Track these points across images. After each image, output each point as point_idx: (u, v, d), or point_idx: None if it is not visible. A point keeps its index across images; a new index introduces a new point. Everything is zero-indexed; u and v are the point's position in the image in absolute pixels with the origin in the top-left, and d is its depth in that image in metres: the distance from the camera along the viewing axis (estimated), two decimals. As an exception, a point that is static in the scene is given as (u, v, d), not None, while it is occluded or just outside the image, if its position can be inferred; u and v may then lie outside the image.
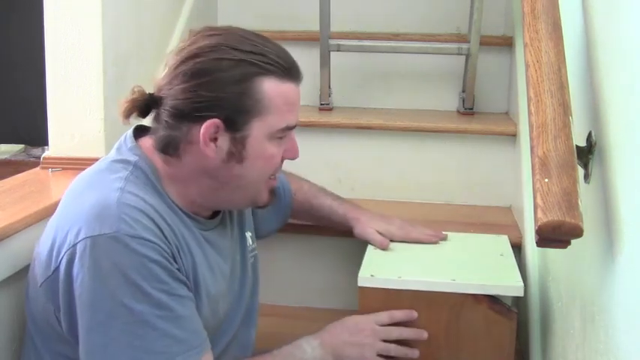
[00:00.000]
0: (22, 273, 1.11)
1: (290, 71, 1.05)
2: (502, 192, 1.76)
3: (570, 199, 0.79)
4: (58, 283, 0.98)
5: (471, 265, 1.30)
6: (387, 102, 2.00)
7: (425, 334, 1.19)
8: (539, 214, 0.78)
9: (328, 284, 1.61)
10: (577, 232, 0.77)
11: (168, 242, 0.99)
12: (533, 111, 0.90)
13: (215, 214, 1.16)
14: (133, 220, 0.96)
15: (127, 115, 1.03)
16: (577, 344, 0.96)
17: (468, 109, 1.90)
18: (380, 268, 1.27)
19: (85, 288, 0.95)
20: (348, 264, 1.62)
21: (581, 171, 0.90)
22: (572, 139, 0.86)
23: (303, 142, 1.82)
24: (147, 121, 1.09)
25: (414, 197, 1.79)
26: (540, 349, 1.28)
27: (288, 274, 1.66)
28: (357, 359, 1.15)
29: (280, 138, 1.07)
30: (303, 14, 1.99)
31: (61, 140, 1.53)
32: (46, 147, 1.59)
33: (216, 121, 1.00)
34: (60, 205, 1.05)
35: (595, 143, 0.90)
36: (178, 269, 1.01)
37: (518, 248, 1.56)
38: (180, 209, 1.07)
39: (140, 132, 1.10)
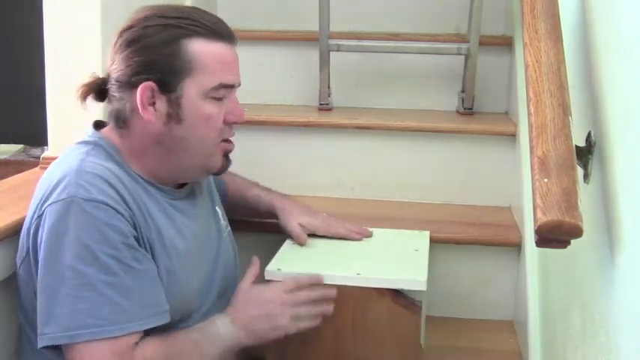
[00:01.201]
0: (22, 273, 1.11)
1: (217, 32, 1.09)
2: (502, 192, 1.76)
3: (570, 199, 0.79)
4: (30, 263, 1.02)
5: (380, 260, 1.32)
6: (387, 102, 2.00)
7: (334, 292, 1.20)
8: (539, 214, 0.78)
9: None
10: (576, 232, 0.77)
11: (128, 207, 1.02)
12: (532, 111, 0.90)
13: (183, 185, 1.19)
14: (89, 184, 1.00)
15: (83, 97, 1.12)
16: (577, 344, 0.96)
17: (467, 109, 1.90)
18: (289, 262, 1.28)
19: (42, 253, 0.99)
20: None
21: (580, 171, 0.90)
22: (571, 139, 0.86)
23: (302, 142, 1.84)
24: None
25: (413, 197, 1.79)
26: (540, 349, 1.28)
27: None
28: (271, 330, 1.14)
29: (218, 99, 1.10)
30: (303, 14, 1.99)
31: (60, 140, 1.53)
32: (45, 147, 1.59)
33: (149, 83, 1.05)
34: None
35: (594, 143, 0.90)
36: (136, 238, 1.02)
37: (518, 248, 1.57)
38: (146, 180, 1.10)
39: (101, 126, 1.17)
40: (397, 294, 1.22)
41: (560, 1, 1.05)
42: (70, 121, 1.52)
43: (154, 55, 1.06)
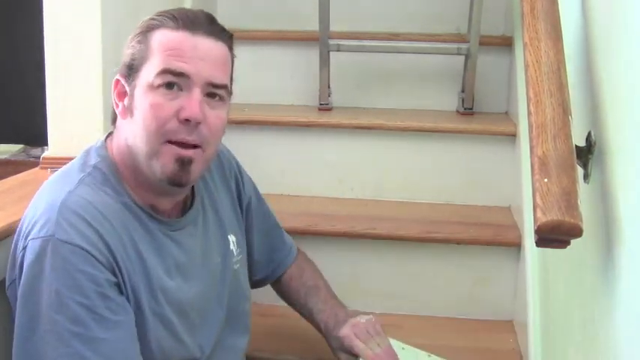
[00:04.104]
0: (22, 273, 1.11)
1: (179, 20, 1.01)
2: (502, 192, 1.76)
3: (570, 199, 0.79)
4: (16, 290, 0.97)
5: None
6: (387, 102, 2.00)
7: None
8: (539, 213, 0.78)
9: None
10: (576, 232, 0.77)
11: (109, 250, 0.96)
12: (532, 111, 0.90)
13: (185, 207, 1.13)
14: (69, 224, 0.93)
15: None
16: (577, 344, 0.96)
17: (467, 109, 1.90)
18: None
19: (20, 289, 0.94)
20: (346, 264, 1.63)
21: (580, 171, 0.90)
22: (571, 138, 0.86)
23: (302, 142, 1.84)
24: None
25: (413, 197, 1.79)
26: (540, 349, 1.28)
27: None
28: None
29: (168, 88, 0.99)
30: (303, 14, 1.99)
31: (60, 140, 1.53)
32: (45, 147, 1.59)
33: (118, 77, 1.04)
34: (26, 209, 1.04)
35: (594, 143, 0.90)
36: (116, 284, 0.96)
37: (517, 248, 1.57)
38: (140, 208, 1.04)
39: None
40: None
41: (560, 1, 1.05)
42: (71, 121, 1.53)
43: (127, 49, 1.04)
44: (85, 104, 1.51)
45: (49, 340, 0.91)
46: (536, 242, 0.80)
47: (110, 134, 1.09)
